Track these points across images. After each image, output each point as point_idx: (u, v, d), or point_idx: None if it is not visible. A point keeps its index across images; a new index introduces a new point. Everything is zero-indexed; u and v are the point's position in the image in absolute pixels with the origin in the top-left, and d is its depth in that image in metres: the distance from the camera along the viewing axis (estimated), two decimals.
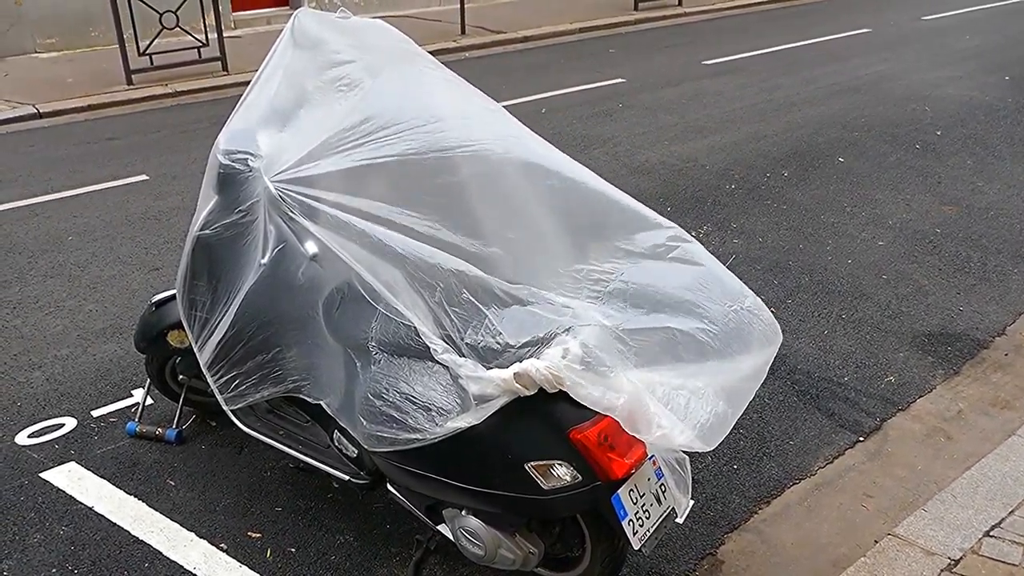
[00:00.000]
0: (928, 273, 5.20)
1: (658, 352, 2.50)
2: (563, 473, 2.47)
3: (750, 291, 2.67)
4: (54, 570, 3.09)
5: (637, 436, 2.40)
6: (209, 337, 3.07)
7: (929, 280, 5.12)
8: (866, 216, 6.00)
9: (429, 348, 2.50)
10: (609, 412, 2.36)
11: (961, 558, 3.03)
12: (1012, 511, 3.24)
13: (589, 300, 2.60)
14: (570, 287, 2.65)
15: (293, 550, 3.17)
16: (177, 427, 3.73)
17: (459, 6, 12.02)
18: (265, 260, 2.83)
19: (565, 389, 2.39)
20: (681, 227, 2.77)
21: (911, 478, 3.54)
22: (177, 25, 9.57)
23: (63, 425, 3.86)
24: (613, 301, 2.60)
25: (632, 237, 2.71)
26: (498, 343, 2.51)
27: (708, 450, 2.43)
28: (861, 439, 3.78)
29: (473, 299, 2.61)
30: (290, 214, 2.68)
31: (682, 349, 2.50)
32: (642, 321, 2.53)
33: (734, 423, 2.50)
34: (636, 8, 13.41)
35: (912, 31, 12.12)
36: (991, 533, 3.14)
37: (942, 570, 2.98)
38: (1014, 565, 2.98)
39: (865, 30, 12.22)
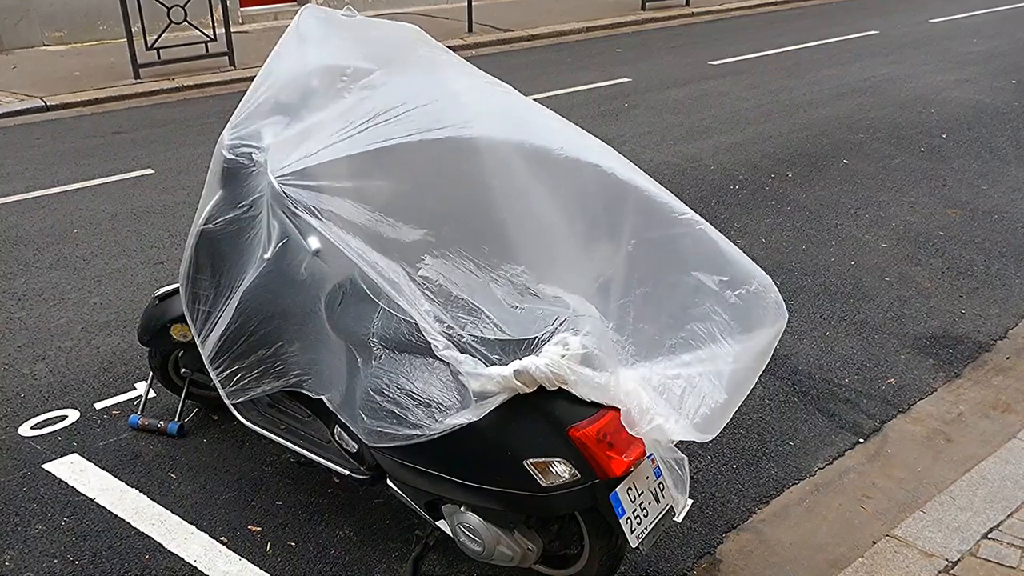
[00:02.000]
0: (931, 276, 5.20)
1: (659, 341, 2.50)
2: (562, 470, 2.47)
3: (760, 271, 2.60)
4: (55, 561, 3.11)
5: (633, 430, 2.41)
6: (212, 331, 3.08)
7: (932, 283, 5.12)
8: (870, 218, 6.00)
9: (430, 344, 2.51)
10: (613, 404, 2.38)
11: (959, 560, 3.04)
12: (1011, 514, 3.24)
13: (593, 288, 2.60)
14: (576, 277, 2.64)
15: (293, 544, 3.19)
16: (179, 420, 3.75)
17: (466, 4, 12.03)
18: (268, 255, 2.84)
19: (566, 387, 2.41)
20: None
21: (910, 480, 3.54)
22: (185, 20, 9.60)
23: (66, 417, 3.88)
24: (616, 289, 2.60)
25: (642, 221, 2.64)
26: (499, 340, 2.52)
27: (707, 439, 2.45)
28: (861, 441, 3.78)
29: (475, 295, 2.62)
30: (293, 209, 2.68)
31: (684, 337, 2.51)
32: (645, 310, 2.53)
33: (735, 411, 2.50)
34: (643, 8, 13.41)
35: (920, 34, 12.09)
36: (989, 536, 3.15)
37: (940, 572, 2.99)
38: (1012, 568, 2.99)
39: (872, 32, 12.20)
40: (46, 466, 3.58)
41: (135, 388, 4.08)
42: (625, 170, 2.70)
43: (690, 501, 2.74)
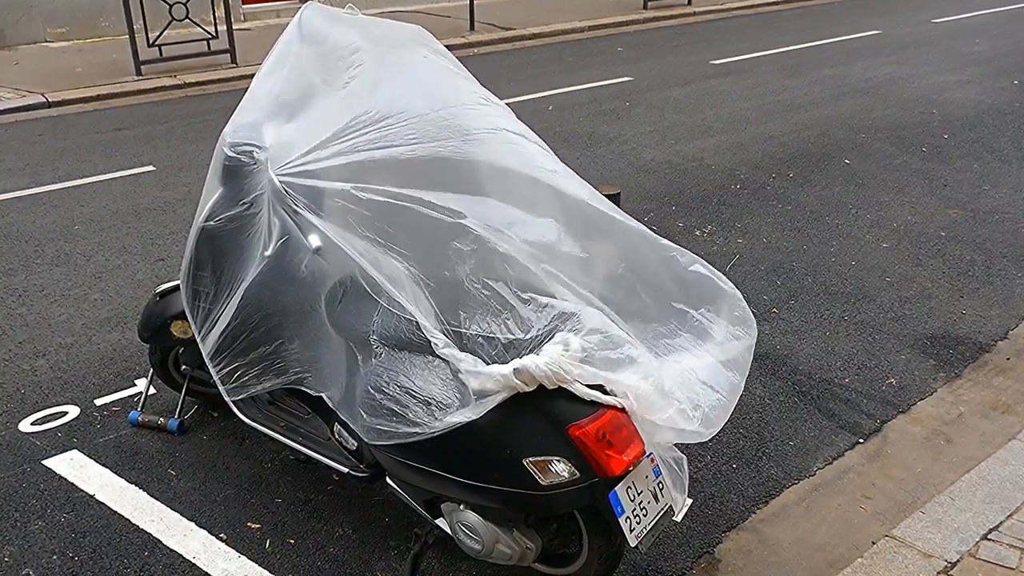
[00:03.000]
0: (932, 276, 5.20)
1: (650, 344, 2.55)
2: (561, 469, 2.47)
3: (729, 285, 2.70)
4: (55, 557, 3.11)
5: (654, 417, 2.42)
6: (212, 328, 3.08)
7: (932, 283, 5.11)
8: (871, 218, 6.00)
9: (430, 342, 2.51)
10: (613, 404, 2.39)
11: (958, 561, 3.03)
12: (1010, 515, 3.24)
13: (586, 293, 2.63)
14: (569, 283, 2.66)
15: (292, 541, 3.19)
16: (179, 417, 3.75)
17: (468, 3, 12.02)
18: (269, 252, 2.84)
19: (566, 385, 2.41)
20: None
21: (910, 480, 3.54)
22: (187, 17, 9.61)
23: (66, 413, 3.89)
24: (608, 298, 2.63)
25: (617, 245, 2.74)
26: (499, 338, 2.52)
27: (709, 436, 2.49)
28: (861, 441, 3.78)
29: (475, 293, 2.62)
30: (294, 207, 2.69)
31: (659, 352, 2.57)
32: (633, 316, 2.56)
33: (732, 408, 2.56)
34: (645, 7, 13.42)
35: (922, 34, 12.08)
36: (989, 536, 3.14)
37: (939, 572, 2.99)
38: (1011, 569, 2.99)
39: (874, 32, 12.20)
40: (46, 462, 3.58)
41: (135, 385, 4.08)
42: (600, 205, 2.79)
43: (689, 500, 2.74)
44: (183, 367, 3.74)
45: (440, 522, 2.89)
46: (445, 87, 2.94)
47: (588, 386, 2.43)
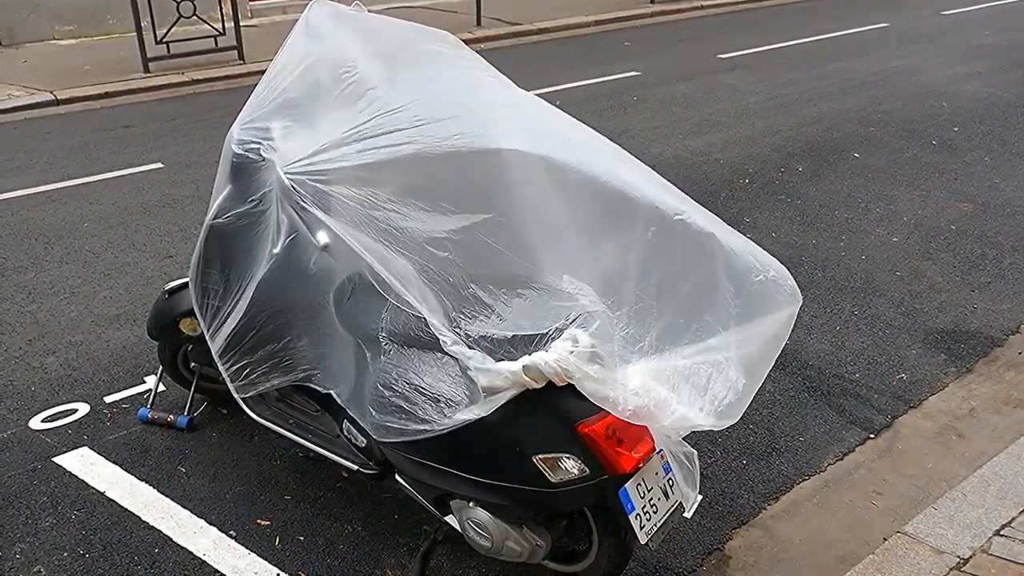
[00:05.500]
0: (942, 270, 5.17)
1: (677, 329, 2.48)
2: (571, 466, 2.47)
3: (772, 258, 2.61)
4: (65, 554, 3.12)
5: (653, 423, 2.40)
6: (221, 325, 3.08)
7: (943, 277, 5.09)
8: (880, 212, 5.97)
9: (439, 339, 2.50)
10: (612, 410, 2.37)
11: (970, 557, 3.02)
12: (1022, 510, 3.22)
13: (608, 282, 2.59)
14: (588, 272, 2.63)
15: (302, 538, 3.19)
16: (188, 414, 3.75)
17: None
18: (277, 249, 2.84)
19: (573, 383, 2.40)
20: None
21: (921, 476, 3.52)
22: (194, 14, 9.61)
23: (76, 410, 3.89)
24: (627, 285, 2.59)
25: (648, 220, 2.63)
26: (507, 335, 2.51)
27: (728, 425, 2.45)
28: (872, 436, 3.76)
29: (483, 291, 2.61)
30: (302, 204, 2.68)
31: (701, 326, 2.49)
32: (659, 300, 2.52)
33: (752, 396, 2.50)
34: (652, 1, 13.37)
35: (930, 26, 12.02)
36: (1001, 532, 3.13)
37: (951, 569, 2.97)
38: (1023, 565, 2.97)
39: (882, 25, 12.14)
40: (56, 459, 3.59)
41: (145, 382, 4.09)
42: (634, 172, 2.72)
43: (699, 497, 2.72)
44: (192, 364, 3.75)
45: (450, 519, 2.88)
46: (459, 82, 2.92)
47: None
